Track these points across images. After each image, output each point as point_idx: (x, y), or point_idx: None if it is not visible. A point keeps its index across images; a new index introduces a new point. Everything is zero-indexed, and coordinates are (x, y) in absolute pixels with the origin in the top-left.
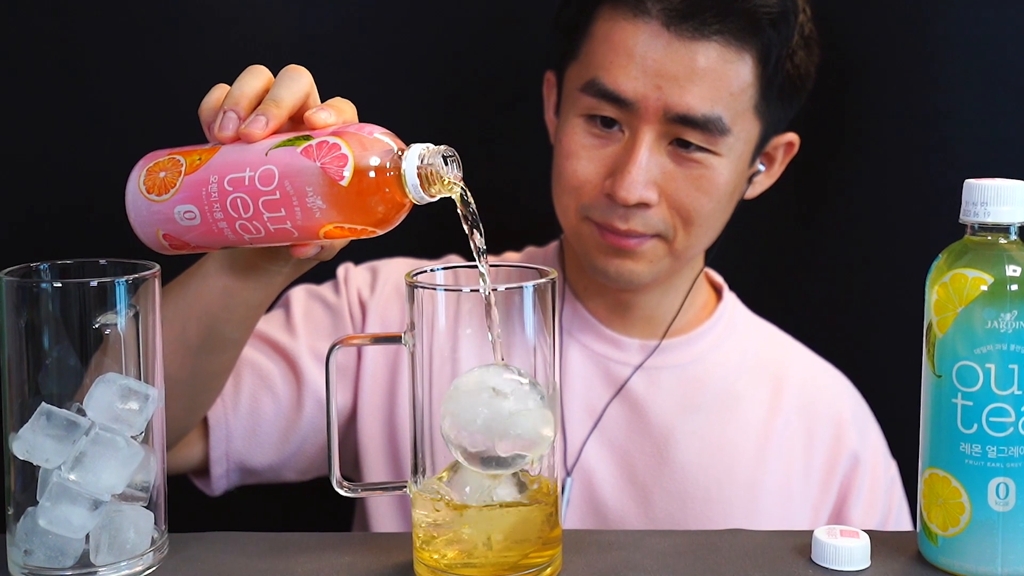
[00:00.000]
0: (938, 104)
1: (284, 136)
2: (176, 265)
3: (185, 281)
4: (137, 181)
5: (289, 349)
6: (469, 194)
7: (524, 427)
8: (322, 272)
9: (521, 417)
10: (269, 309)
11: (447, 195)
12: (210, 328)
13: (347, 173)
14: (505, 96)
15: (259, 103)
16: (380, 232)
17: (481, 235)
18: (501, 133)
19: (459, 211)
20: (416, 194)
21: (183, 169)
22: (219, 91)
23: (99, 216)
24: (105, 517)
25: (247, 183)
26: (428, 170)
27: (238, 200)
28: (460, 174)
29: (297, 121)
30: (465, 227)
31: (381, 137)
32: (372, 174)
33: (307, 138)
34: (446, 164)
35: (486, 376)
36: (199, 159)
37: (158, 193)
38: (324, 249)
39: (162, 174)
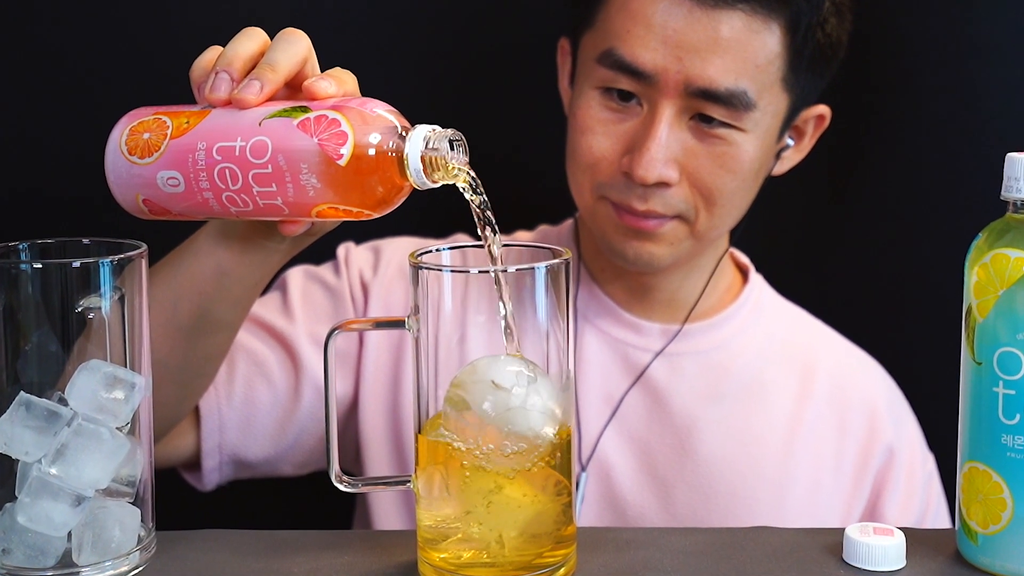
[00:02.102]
0: (978, 73)
1: (280, 105)
2: (164, 243)
3: (176, 259)
4: (119, 140)
5: (286, 334)
6: (479, 182)
7: (521, 426)
8: (321, 252)
9: (518, 415)
10: (265, 291)
11: (450, 182)
12: (203, 309)
13: (346, 152)
14: (517, 63)
15: (254, 67)
16: (376, 215)
17: (495, 230)
18: (512, 103)
19: (468, 198)
20: (418, 179)
21: (169, 132)
22: (212, 52)
23: (82, 192)
24: (88, 514)
25: (237, 153)
26: (432, 156)
27: (226, 171)
28: (467, 160)
29: (294, 89)
30: (476, 217)
31: (384, 114)
32: (372, 154)
33: (305, 110)
34: (452, 149)
35: (489, 367)
36: (187, 122)
37: (140, 156)
38: (315, 224)
39: (146, 135)
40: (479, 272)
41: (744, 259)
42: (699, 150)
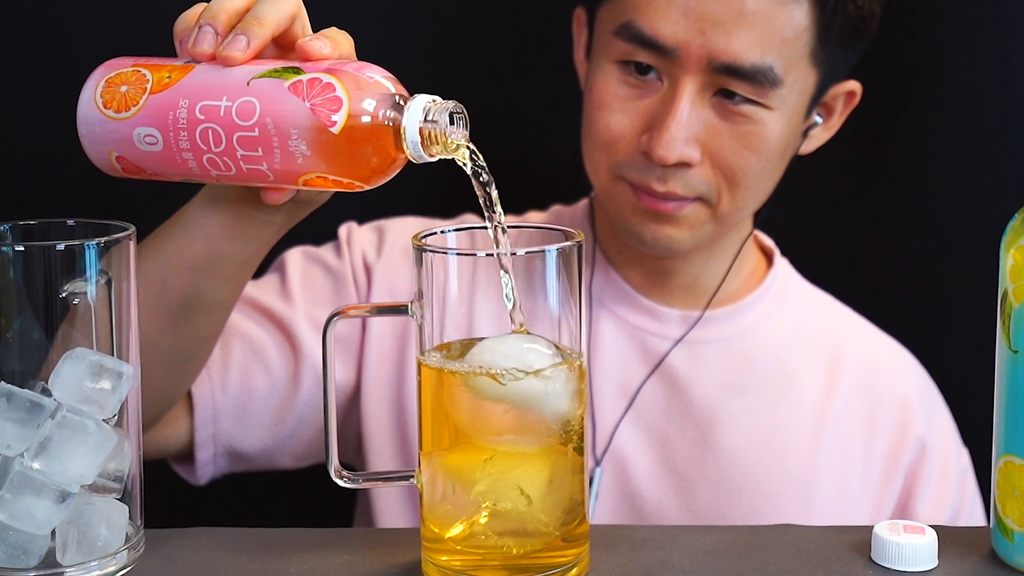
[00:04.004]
0: (1014, 49)
1: (270, 65)
2: (153, 225)
3: (164, 233)
4: (93, 92)
5: (285, 318)
6: (480, 156)
7: (543, 410)
8: (322, 232)
9: (519, 409)
10: (262, 273)
11: (448, 157)
12: (194, 286)
13: (339, 119)
14: (529, 33)
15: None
16: (367, 187)
17: (498, 209)
18: (525, 75)
19: (469, 175)
20: (415, 152)
21: (149, 86)
22: (198, 8)
23: (66, 169)
24: (73, 511)
25: (222, 114)
26: (431, 129)
27: (209, 132)
28: (467, 134)
29: (285, 50)
30: (479, 195)
31: (382, 81)
32: (367, 123)
33: (297, 71)
34: (452, 123)
35: (494, 353)
36: (168, 77)
37: (116, 110)
38: (301, 192)
39: (123, 88)
40: (487, 255)
41: (769, 242)
42: (722, 129)
